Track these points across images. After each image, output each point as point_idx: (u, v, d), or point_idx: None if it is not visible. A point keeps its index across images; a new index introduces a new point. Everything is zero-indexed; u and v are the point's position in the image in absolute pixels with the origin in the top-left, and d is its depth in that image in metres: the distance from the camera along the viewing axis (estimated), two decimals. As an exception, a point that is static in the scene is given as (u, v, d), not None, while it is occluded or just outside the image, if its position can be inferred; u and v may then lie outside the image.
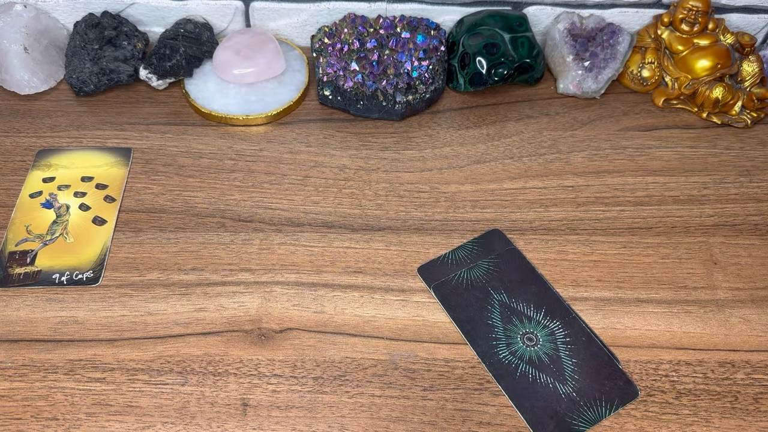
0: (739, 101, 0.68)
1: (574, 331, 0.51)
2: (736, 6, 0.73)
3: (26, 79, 0.67)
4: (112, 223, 0.58)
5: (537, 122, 0.68)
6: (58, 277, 0.54)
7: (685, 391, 0.49)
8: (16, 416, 0.46)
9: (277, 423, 0.47)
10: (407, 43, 0.68)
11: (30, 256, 0.55)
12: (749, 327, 0.53)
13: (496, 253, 0.55)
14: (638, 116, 0.69)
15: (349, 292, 0.54)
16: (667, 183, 0.63)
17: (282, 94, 0.68)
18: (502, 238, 0.57)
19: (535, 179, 0.63)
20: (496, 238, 0.57)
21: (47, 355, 0.49)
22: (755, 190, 0.63)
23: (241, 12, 0.74)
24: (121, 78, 0.68)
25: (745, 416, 0.48)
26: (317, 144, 0.65)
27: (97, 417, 0.46)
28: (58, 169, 0.62)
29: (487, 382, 0.49)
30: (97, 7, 0.72)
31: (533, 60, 0.68)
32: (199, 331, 0.51)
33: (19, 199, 0.59)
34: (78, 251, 0.56)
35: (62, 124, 0.66)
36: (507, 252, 0.56)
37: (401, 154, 0.64)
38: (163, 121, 0.67)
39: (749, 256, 0.57)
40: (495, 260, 0.55)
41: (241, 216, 0.59)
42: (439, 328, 0.52)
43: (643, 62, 0.71)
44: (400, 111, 0.66)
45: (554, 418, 0.46)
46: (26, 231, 0.57)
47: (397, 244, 0.57)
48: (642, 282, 0.55)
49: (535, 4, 0.73)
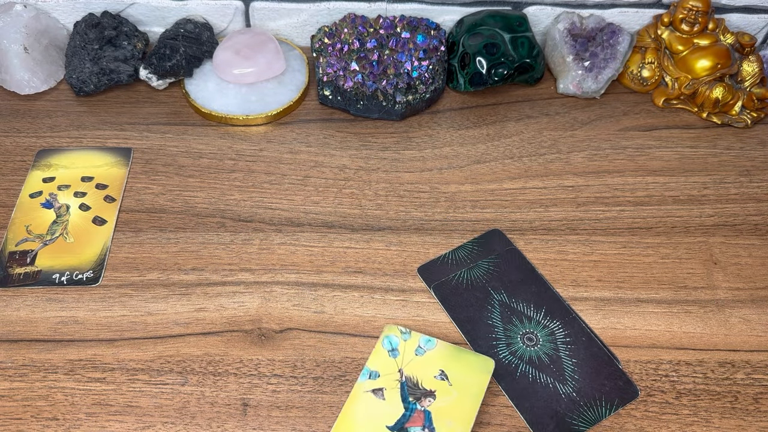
0: (739, 101, 0.68)
1: (574, 331, 0.51)
2: (736, 6, 0.73)
3: (26, 79, 0.67)
4: (112, 223, 0.58)
5: (537, 122, 0.68)
6: (58, 277, 0.54)
7: (685, 391, 0.49)
8: (16, 416, 0.46)
9: (277, 423, 0.47)
10: (407, 43, 0.68)
11: (30, 256, 0.55)
12: (749, 327, 0.53)
13: (496, 253, 0.55)
14: (638, 116, 0.69)
15: (349, 292, 0.54)
16: (667, 183, 0.63)
17: (282, 94, 0.68)
18: (502, 238, 0.57)
19: (535, 179, 0.63)
20: (496, 238, 0.57)
21: (47, 355, 0.49)
22: (755, 190, 0.63)
23: (241, 12, 0.74)
24: (121, 78, 0.68)
25: (745, 416, 0.48)
26: (317, 144, 0.65)
27: (97, 417, 0.46)
28: (58, 169, 0.62)
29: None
30: (97, 7, 0.72)
31: (533, 60, 0.68)
32: (199, 331, 0.51)
33: (19, 199, 0.59)
34: (78, 251, 0.56)
35: (62, 124, 0.66)
36: (507, 252, 0.56)
37: (401, 154, 0.64)
38: (163, 121, 0.67)
39: (749, 256, 0.57)
40: (495, 260, 0.55)
41: (241, 216, 0.59)
42: (439, 328, 0.52)
43: (643, 62, 0.71)
44: (400, 111, 0.66)
45: (554, 418, 0.46)
46: (26, 231, 0.57)
47: (397, 244, 0.57)
48: (642, 282, 0.55)
49: (535, 4, 0.73)
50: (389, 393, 0.46)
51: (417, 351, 0.49)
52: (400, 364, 0.48)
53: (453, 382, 0.47)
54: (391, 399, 0.46)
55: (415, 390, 0.46)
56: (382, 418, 0.45)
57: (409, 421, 0.45)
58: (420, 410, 0.45)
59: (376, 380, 0.47)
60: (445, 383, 0.47)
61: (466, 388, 0.47)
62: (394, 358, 0.48)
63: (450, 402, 0.46)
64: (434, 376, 0.47)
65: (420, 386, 0.47)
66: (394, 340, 0.49)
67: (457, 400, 0.46)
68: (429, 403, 0.46)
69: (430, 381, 0.47)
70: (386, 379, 0.47)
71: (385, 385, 0.47)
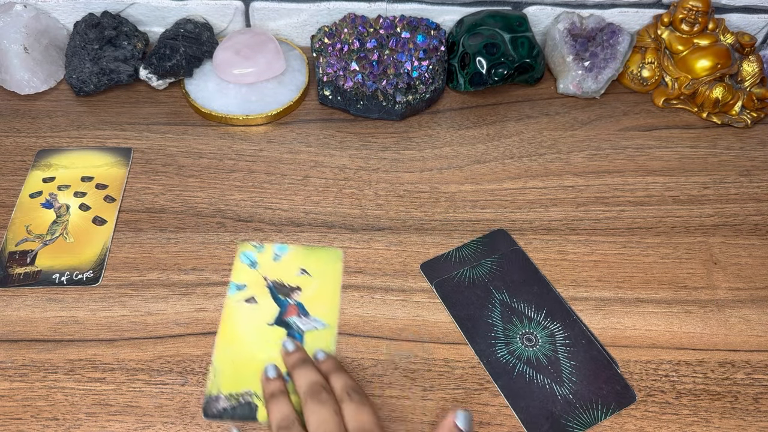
0: (739, 101, 0.68)
1: (574, 334, 0.51)
2: (736, 6, 0.73)
3: (26, 79, 0.67)
4: (112, 223, 0.58)
5: (537, 122, 0.68)
6: (58, 277, 0.54)
7: (685, 391, 0.49)
8: (16, 416, 0.46)
9: (277, 423, 0.47)
10: (407, 43, 0.68)
11: (30, 256, 0.55)
12: (749, 327, 0.53)
13: (500, 252, 0.55)
14: (638, 116, 0.69)
15: (349, 292, 0.54)
16: (667, 183, 0.63)
17: (282, 94, 0.68)
18: (506, 238, 0.57)
19: (535, 179, 0.63)
20: (501, 237, 0.57)
21: (47, 355, 0.49)
22: (755, 190, 0.63)
23: (241, 12, 0.74)
24: (121, 78, 0.68)
25: (745, 416, 0.48)
26: (317, 144, 0.65)
27: (97, 417, 0.46)
28: (58, 169, 0.62)
29: (487, 382, 0.49)
30: (97, 7, 0.72)
31: (533, 60, 0.68)
32: (199, 331, 0.51)
33: (19, 199, 0.59)
34: (78, 251, 0.56)
35: (62, 124, 0.66)
36: (511, 252, 0.56)
37: (401, 154, 0.64)
38: (163, 121, 0.67)
39: (749, 256, 0.57)
40: (498, 260, 0.55)
41: (241, 216, 0.59)
42: (439, 328, 0.52)
43: (643, 62, 0.71)
44: (400, 111, 0.66)
45: (549, 419, 0.46)
46: (26, 231, 0.57)
47: (397, 244, 0.57)
48: (642, 282, 0.55)
49: (535, 4, 0.73)
50: (260, 298, 0.52)
51: (274, 258, 0.55)
52: (263, 273, 0.54)
53: (313, 275, 0.54)
54: (263, 302, 0.52)
55: (282, 288, 0.53)
56: (261, 319, 0.51)
57: (286, 313, 0.52)
58: (292, 303, 0.52)
59: (245, 291, 0.53)
60: (306, 277, 0.54)
61: (324, 276, 0.54)
62: (255, 269, 0.54)
63: (315, 290, 0.53)
64: (295, 274, 0.54)
65: (286, 285, 0.53)
66: (251, 255, 0.55)
67: (320, 287, 0.54)
68: (298, 295, 0.53)
69: (293, 279, 0.54)
70: (253, 287, 0.53)
71: (254, 293, 0.53)
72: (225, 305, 0.52)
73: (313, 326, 0.51)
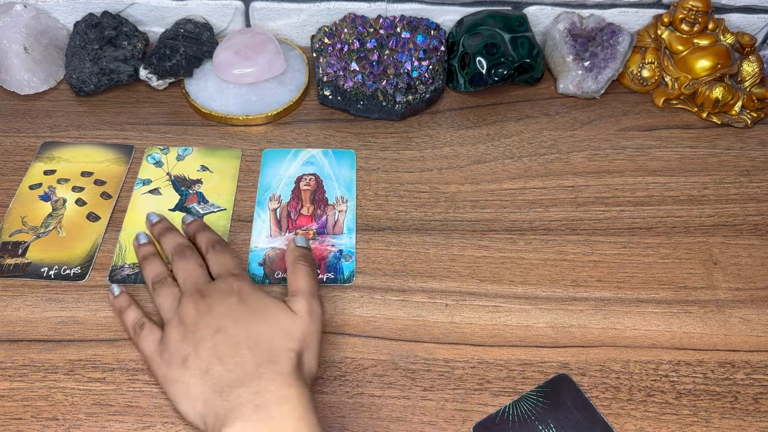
0: (739, 101, 0.68)
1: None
2: (736, 6, 0.73)
3: (26, 79, 0.67)
4: (105, 220, 0.58)
5: (537, 122, 0.68)
6: (46, 271, 0.54)
7: (685, 391, 0.49)
8: (16, 416, 0.46)
9: (277, 423, 0.46)
10: (407, 43, 0.68)
11: (22, 247, 0.55)
12: (749, 327, 0.53)
13: (566, 406, 0.46)
14: (638, 116, 0.69)
15: (350, 292, 0.54)
16: (667, 183, 0.63)
17: (282, 94, 0.68)
18: (571, 386, 0.48)
19: (535, 179, 0.63)
20: (564, 385, 0.48)
21: (47, 355, 0.49)
22: (755, 190, 0.63)
23: (241, 12, 0.74)
24: (121, 78, 0.68)
25: (745, 416, 0.48)
26: (317, 144, 0.65)
27: (97, 417, 0.46)
28: (60, 162, 0.62)
29: (487, 382, 0.49)
30: (97, 7, 0.72)
31: (533, 60, 0.68)
32: (199, 331, 0.51)
33: (18, 190, 0.59)
34: (69, 246, 0.56)
35: (62, 124, 0.66)
36: (577, 403, 0.46)
37: (401, 154, 0.64)
38: (163, 121, 0.67)
39: (749, 256, 0.57)
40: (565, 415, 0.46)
41: (242, 216, 0.59)
42: (439, 328, 0.52)
43: (643, 62, 0.71)
44: (400, 111, 0.66)
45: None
46: (21, 222, 0.57)
47: (397, 244, 0.57)
48: (642, 282, 0.55)
49: (535, 4, 0.73)
50: (164, 190, 0.59)
51: (178, 158, 0.61)
52: (167, 170, 0.60)
53: (213, 170, 0.61)
54: (166, 193, 0.59)
55: (184, 182, 0.59)
56: (164, 206, 0.58)
57: (186, 201, 0.58)
58: (193, 193, 0.59)
59: (149, 185, 0.59)
60: (206, 172, 0.61)
61: (224, 171, 0.61)
62: (160, 167, 0.60)
63: (214, 183, 0.60)
64: (196, 170, 0.61)
65: (187, 178, 0.60)
66: (156, 156, 0.61)
67: (219, 180, 0.60)
68: (198, 186, 0.59)
69: (194, 174, 0.60)
70: (157, 182, 0.60)
71: (158, 186, 0.59)
72: (132, 197, 0.59)
73: (210, 210, 0.57)
